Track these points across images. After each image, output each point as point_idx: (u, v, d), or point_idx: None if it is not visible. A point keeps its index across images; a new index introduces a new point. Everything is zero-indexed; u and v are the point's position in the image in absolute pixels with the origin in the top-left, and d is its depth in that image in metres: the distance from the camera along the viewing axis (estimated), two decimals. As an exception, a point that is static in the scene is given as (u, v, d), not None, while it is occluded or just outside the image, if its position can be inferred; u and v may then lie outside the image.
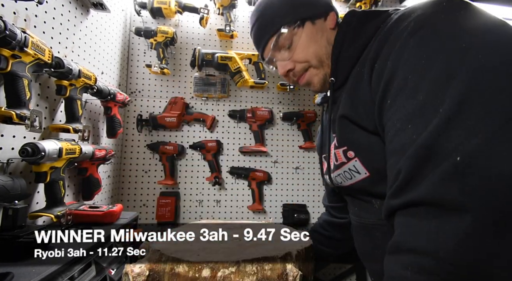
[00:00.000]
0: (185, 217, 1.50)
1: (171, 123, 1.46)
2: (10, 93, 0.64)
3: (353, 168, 0.54)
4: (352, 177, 0.56)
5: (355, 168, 0.54)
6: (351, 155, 0.54)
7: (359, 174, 0.54)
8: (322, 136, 0.72)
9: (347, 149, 0.54)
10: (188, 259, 0.43)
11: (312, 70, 0.62)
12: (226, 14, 1.50)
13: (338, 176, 0.60)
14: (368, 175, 0.52)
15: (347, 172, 0.56)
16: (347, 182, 0.59)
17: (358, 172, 0.54)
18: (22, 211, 0.60)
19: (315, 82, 0.64)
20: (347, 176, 0.57)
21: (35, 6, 0.76)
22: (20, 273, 0.50)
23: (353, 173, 0.55)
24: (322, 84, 0.63)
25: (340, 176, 0.60)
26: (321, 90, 0.66)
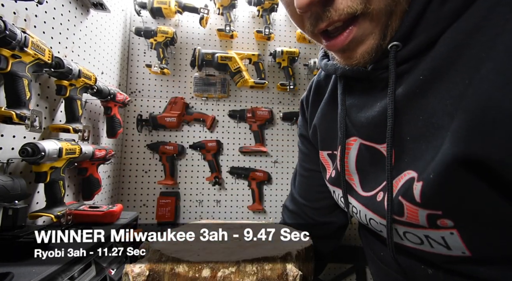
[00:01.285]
0: (185, 217, 1.50)
1: (171, 123, 1.46)
2: (10, 93, 0.64)
3: (438, 240, 0.33)
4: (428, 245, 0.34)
5: (443, 241, 0.32)
6: (446, 224, 0.31)
7: (447, 249, 0.33)
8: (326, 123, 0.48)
9: (441, 215, 0.31)
10: (188, 259, 0.43)
11: (365, 24, 0.33)
12: (226, 14, 1.50)
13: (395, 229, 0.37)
14: (468, 255, 0.32)
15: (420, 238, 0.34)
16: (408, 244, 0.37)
17: (448, 248, 0.32)
18: (22, 211, 0.60)
19: (360, 51, 0.35)
20: (416, 241, 0.35)
21: (35, 6, 0.76)
22: (20, 273, 0.50)
23: (435, 244, 0.33)
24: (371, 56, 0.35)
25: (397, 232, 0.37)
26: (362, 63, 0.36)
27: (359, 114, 0.40)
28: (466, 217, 0.30)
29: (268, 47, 1.63)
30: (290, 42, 1.65)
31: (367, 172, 0.40)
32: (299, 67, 1.65)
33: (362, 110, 0.39)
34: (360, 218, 0.43)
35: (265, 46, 1.63)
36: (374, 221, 0.39)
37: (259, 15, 1.57)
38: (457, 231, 0.31)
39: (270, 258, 0.44)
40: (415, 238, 0.35)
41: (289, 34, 1.65)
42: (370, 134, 0.39)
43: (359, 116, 0.39)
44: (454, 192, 0.29)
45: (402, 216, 0.33)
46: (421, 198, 0.31)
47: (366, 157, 0.40)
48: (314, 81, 0.55)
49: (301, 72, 1.65)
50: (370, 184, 0.40)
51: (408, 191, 0.32)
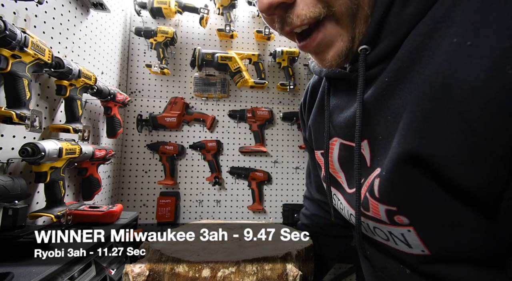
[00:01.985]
0: (185, 217, 1.50)
1: (171, 123, 1.47)
2: (10, 93, 0.64)
3: (399, 236, 0.34)
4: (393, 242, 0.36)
5: (403, 238, 0.34)
6: (402, 221, 0.32)
7: (408, 247, 0.34)
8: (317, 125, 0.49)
9: (396, 211, 0.32)
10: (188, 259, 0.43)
11: (331, 28, 0.33)
12: (226, 14, 1.50)
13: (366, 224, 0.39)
14: (426, 253, 0.32)
15: (385, 234, 0.36)
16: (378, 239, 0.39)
17: (409, 245, 0.34)
18: (22, 211, 0.60)
19: (331, 53, 0.35)
20: (383, 236, 0.37)
21: (35, 6, 0.76)
22: (20, 273, 0.50)
23: (398, 241, 0.35)
24: (343, 58, 0.35)
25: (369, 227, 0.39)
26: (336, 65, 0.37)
27: (339, 115, 0.41)
28: (419, 214, 0.31)
29: (268, 47, 1.63)
30: (290, 42, 1.65)
31: (349, 169, 0.41)
32: (299, 67, 1.65)
33: (342, 111, 0.40)
34: (344, 214, 0.44)
35: (265, 46, 1.63)
36: (353, 217, 0.41)
37: (259, 15, 1.57)
38: (414, 229, 0.32)
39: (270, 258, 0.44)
40: (382, 234, 0.36)
41: (289, 34, 1.65)
42: (347, 133, 0.40)
43: (339, 117, 0.41)
44: (404, 188, 0.30)
45: (369, 211, 0.35)
46: (379, 194, 0.32)
47: (346, 156, 0.41)
48: (310, 84, 0.56)
49: (301, 72, 1.65)
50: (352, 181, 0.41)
51: (373, 187, 0.33)
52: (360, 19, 0.32)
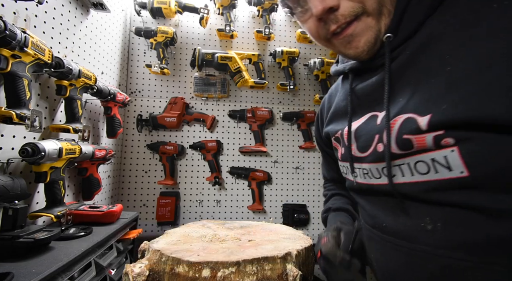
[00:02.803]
0: (185, 217, 1.50)
1: (171, 123, 1.47)
2: (10, 93, 0.64)
3: (440, 160, 0.37)
4: (433, 171, 0.38)
5: (445, 161, 0.37)
6: (448, 142, 0.36)
7: (449, 171, 0.37)
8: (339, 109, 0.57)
9: (443, 134, 0.36)
10: (188, 259, 0.43)
11: (367, 20, 0.43)
12: (226, 14, 1.50)
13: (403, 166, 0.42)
14: (466, 175, 0.35)
15: (424, 163, 0.39)
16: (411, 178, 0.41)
17: (449, 169, 0.36)
18: (22, 211, 0.60)
19: (363, 40, 0.45)
20: (421, 168, 0.40)
21: (35, 6, 0.76)
22: (20, 273, 0.50)
23: (439, 167, 0.38)
24: (372, 45, 0.45)
25: (399, 168, 0.42)
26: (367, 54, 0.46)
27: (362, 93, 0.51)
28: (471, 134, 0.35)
29: (268, 47, 1.63)
30: (290, 42, 1.65)
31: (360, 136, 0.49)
32: (299, 67, 1.65)
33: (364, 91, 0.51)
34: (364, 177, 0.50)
35: (265, 46, 1.63)
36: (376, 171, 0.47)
37: (259, 15, 1.57)
38: (457, 148, 0.36)
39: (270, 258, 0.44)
40: (423, 167, 0.40)
41: (289, 34, 1.65)
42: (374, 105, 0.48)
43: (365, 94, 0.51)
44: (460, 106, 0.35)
45: (412, 148, 0.40)
46: (428, 126, 0.38)
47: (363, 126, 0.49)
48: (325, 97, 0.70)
49: (301, 72, 1.66)
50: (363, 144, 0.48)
51: (412, 126, 0.39)
52: (384, 14, 0.43)
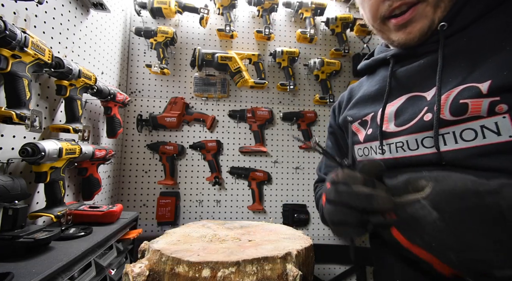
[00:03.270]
0: (185, 217, 1.50)
1: (171, 123, 1.47)
2: (10, 93, 0.64)
3: (490, 126, 0.40)
4: (475, 138, 0.41)
5: (495, 126, 0.40)
6: (502, 109, 0.39)
7: (497, 136, 0.39)
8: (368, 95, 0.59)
9: (499, 100, 0.39)
10: (188, 259, 0.43)
11: (426, 8, 0.48)
12: (226, 14, 1.50)
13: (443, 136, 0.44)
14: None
15: (472, 130, 0.42)
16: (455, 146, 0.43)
17: (498, 133, 0.39)
18: (22, 211, 0.60)
19: (418, 26, 0.49)
20: (468, 136, 0.42)
21: (35, 6, 0.76)
22: (20, 273, 0.50)
23: (488, 132, 0.40)
24: (425, 33, 0.50)
25: (446, 136, 0.44)
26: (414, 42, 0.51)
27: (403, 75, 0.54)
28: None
29: (268, 47, 1.63)
30: (290, 42, 1.65)
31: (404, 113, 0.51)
32: (299, 67, 1.65)
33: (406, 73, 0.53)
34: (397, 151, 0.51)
35: (265, 46, 1.63)
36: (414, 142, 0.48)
37: (259, 15, 1.57)
38: (509, 115, 0.39)
39: (270, 258, 0.44)
40: (470, 134, 0.42)
41: (289, 34, 1.65)
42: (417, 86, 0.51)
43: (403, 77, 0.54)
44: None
45: (465, 114, 0.42)
46: (488, 90, 0.40)
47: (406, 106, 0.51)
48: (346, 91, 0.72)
49: (301, 72, 1.66)
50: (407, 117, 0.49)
51: (471, 91, 0.42)
52: (441, 7, 0.48)
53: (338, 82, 1.70)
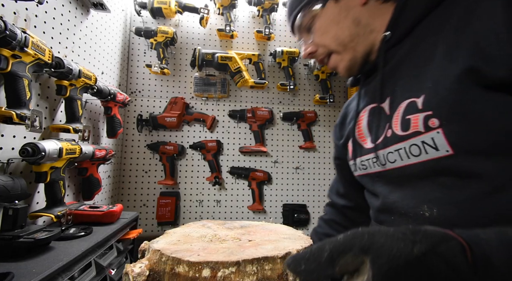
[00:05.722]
0: (185, 217, 1.50)
1: (171, 123, 1.47)
2: (10, 93, 0.64)
3: (429, 141, 0.42)
4: (420, 154, 0.43)
5: (432, 142, 0.41)
6: (434, 124, 0.41)
7: (435, 151, 0.41)
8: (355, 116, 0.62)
9: (431, 115, 0.41)
10: (188, 259, 0.43)
11: (335, 56, 0.57)
12: (226, 14, 1.50)
13: (395, 153, 0.47)
14: (450, 153, 0.40)
15: (416, 146, 0.43)
16: (405, 161, 0.46)
17: (436, 148, 0.41)
18: (22, 211, 0.60)
19: (340, 68, 0.58)
20: (413, 152, 0.44)
21: (35, 6, 0.76)
22: (20, 273, 0.50)
23: (429, 148, 0.42)
24: (349, 69, 0.57)
25: (398, 153, 0.47)
26: (349, 75, 0.59)
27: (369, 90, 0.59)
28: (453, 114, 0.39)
29: (268, 47, 1.63)
30: (290, 42, 1.65)
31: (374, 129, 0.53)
32: (299, 67, 1.65)
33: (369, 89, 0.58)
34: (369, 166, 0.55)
35: (265, 46, 1.63)
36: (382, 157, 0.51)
37: (259, 15, 1.57)
38: (441, 130, 0.40)
39: (270, 258, 0.44)
40: (416, 149, 0.44)
41: (289, 34, 1.65)
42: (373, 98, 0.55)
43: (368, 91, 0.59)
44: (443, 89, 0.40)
45: (409, 129, 0.44)
46: (422, 105, 0.43)
47: (373, 118, 0.54)
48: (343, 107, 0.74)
49: (301, 72, 1.65)
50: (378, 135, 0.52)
51: (412, 108, 0.44)
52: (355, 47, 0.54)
53: (338, 82, 1.70)
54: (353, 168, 0.62)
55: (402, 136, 0.45)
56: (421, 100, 0.43)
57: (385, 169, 0.51)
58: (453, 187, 0.41)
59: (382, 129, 0.51)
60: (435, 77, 0.42)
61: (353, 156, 0.60)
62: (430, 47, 0.45)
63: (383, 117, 0.51)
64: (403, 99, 0.46)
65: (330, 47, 0.56)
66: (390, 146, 0.48)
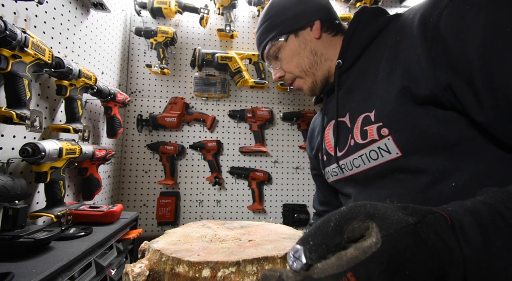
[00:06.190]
0: (185, 217, 1.50)
1: (171, 123, 1.47)
2: (10, 93, 0.64)
3: (383, 147, 0.50)
4: (377, 158, 0.52)
5: (385, 147, 0.50)
6: (385, 132, 0.49)
7: (388, 154, 0.50)
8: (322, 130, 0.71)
9: (382, 125, 0.50)
10: (188, 259, 0.43)
11: (299, 80, 0.69)
12: (226, 14, 1.50)
13: (359, 159, 0.55)
14: (399, 155, 0.48)
15: (374, 151, 0.52)
16: (367, 165, 0.54)
17: (388, 152, 0.50)
18: (22, 211, 0.60)
19: (304, 89, 0.70)
20: (373, 156, 0.53)
21: (35, 6, 0.76)
22: (20, 273, 0.50)
23: (384, 152, 0.51)
24: (312, 89, 0.69)
25: (361, 158, 0.55)
26: (312, 95, 0.71)
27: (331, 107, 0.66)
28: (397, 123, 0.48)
29: (268, 47, 1.63)
30: (290, 42, 1.65)
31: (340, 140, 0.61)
32: (299, 67, 1.65)
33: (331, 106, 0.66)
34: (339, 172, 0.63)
35: (265, 46, 1.63)
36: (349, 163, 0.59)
37: (259, 15, 1.57)
38: (391, 136, 0.49)
39: (270, 258, 0.44)
40: (374, 154, 0.52)
41: (289, 34, 1.65)
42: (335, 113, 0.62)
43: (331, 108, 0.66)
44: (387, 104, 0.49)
45: (366, 138, 0.53)
46: (374, 118, 0.51)
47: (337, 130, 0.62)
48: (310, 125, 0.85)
49: (301, 72, 1.66)
50: (343, 145, 0.60)
51: (367, 121, 0.53)
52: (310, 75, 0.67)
53: (338, 82, 1.70)
54: (326, 176, 0.70)
55: (362, 144, 0.54)
56: (373, 114, 0.52)
57: (353, 173, 0.59)
58: (407, 181, 0.49)
59: (345, 139, 0.59)
60: (380, 96, 0.51)
61: (324, 165, 0.69)
62: (373, 73, 0.54)
63: (345, 129, 0.60)
64: (360, 114, 0.55)
65: (294, 73, 0.68)
66: (354, 153, 0.56)
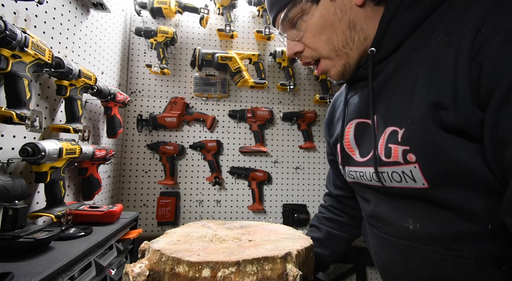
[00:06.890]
0: (185, 217, 1.50)
1: (171, 123, 1.47)
2: (10, 93, 0.64)
3: (408, 173, 0.45)
4: (401, 181, 0.46)
5: (411, 175, 0.44)
6: (412, 158, 0.43)
7: (414, 182, 0.44)
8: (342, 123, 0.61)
9: (409, 150, 0.43)
10: (188, 259, 0.43)
11: (325, 61, 0.53)
12: (226, 14, 1.50)
13: (380, 174, 0.49)
14: (426, 187, 0.43)
15: (398, 174, 0.46)
16: (392, 184, 0.49)
17: (414, 180, 0.44)
18: (22, 211, 0.60)
19: (332, 74, 0.55)
20: (395, 178, 0.47)
21: (35, 6, 0.76)
22: (20, 273, 0.50)
23: (408, 179, 0.45)
24: (342, 75, 0.54)
25: (382, 175, 0.49)
26: (340, 80, 0.57)
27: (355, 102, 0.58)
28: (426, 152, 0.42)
29: (268, 47, 1.63)
30: (290, 42, 1.65)
31: (363, 143, 0.55)
32: (299, 67, 1.65)
33: (357, 99, 0.58)
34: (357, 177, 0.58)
35: (265, 46, 1.63)
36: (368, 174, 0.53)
37: (259, 15, 1.57)
38: (418, 165, 0.43)
39: (270, 258, 0.44)
40: (397, 176, 0.47)
41: (289, 34, 1.65)
42: (361, 113, 0.56)
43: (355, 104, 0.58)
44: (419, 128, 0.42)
45: (391, 157, 0.46)
46: (401, 138, 0.45)
47: (360, 131, 0.56)
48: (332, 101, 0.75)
49: (301, 72, 1.66)
50: (366, 151, 0.54)
51: (394, 137, 0.46)
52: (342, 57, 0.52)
53: (338, 82, 1.70)
54: (342, 172, 0.64)
55: (385, 162, 0.48)
56: (401, 133, 0.45)
57: (373, 184, 0.54)
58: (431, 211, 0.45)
59: (369, 146, 0.52)
60: (412, 113, 0.43)
61: (342, 163, 0.62)
62: (411, 76, 0.45)
63: (370, 135, 0.52)
64: (388, 125, 0.47)
65: (320, 52, 0.52)
66: (376, 166, 0.50)
